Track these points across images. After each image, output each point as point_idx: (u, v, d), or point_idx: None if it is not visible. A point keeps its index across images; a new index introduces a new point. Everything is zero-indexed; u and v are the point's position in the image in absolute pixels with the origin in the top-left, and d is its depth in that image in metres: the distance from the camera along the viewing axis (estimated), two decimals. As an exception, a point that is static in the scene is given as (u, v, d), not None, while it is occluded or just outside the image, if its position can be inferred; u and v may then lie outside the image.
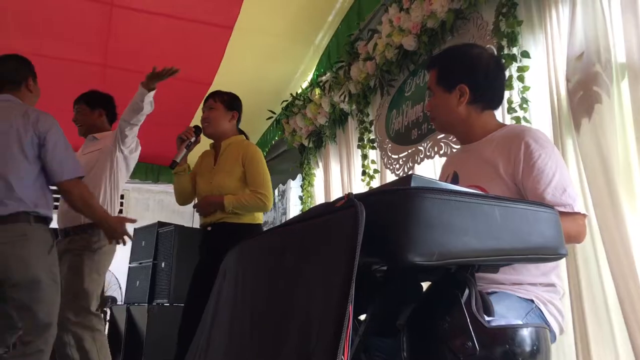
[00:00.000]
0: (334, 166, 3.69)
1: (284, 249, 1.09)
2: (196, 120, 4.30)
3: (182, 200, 2.81)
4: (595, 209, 1.76)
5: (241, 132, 2.85)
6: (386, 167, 3.01)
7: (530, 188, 1.39)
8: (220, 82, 4.10)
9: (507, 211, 1.00)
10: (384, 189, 0.98)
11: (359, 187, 3.24)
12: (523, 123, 2.08)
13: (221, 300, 1.45)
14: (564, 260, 1.64)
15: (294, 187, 5.04)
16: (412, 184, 0.97)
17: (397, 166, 2.91)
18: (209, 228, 2.65)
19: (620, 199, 1.69)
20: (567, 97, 1.91)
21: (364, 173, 3.20)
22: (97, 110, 3.08)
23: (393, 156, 2.95)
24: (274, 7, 3.37)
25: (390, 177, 2.96)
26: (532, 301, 1.34)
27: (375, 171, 3.16)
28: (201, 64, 3.97)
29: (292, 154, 4.42)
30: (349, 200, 0.94)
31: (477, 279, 1.08)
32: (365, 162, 3.20)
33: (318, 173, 4.03)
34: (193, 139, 2.68)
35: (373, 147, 3.18)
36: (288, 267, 1.05)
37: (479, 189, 1.47)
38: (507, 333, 1.01)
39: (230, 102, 2.79)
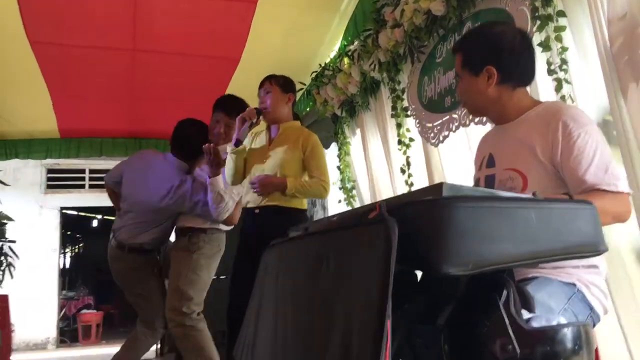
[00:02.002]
0: (370, 135, 3.66)
1: (321, 258, 1.11)
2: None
3: (235, 179, 2.82)
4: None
5: (296, 116, 2.87)
6: (421, 136, 2.97)
7: (571, 169, 1.36)
8: (248, 57, 4.08)
9: (543, 213, 0.98)
10: (416, 200, 0.97)
11: (397, 155, 3.22)
12: (564, 85, 2.00)
13: (264, 295, 1.49)
14: None
15: (331, 155, 5.01)
16: (444, 193, 0.97)
17: (432, 135, 2.87)
18: (257, 211, 2.69)
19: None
20: (611, 60, 1.82)
21: (399, 142, 3.16)
22: None
23: (427, 124, 2.91)
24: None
25: (426, 146, 2.93)
26: (574, 285, 1.33)
27: (411, 139, 3.12)
28: (228, 40, 3.95)
29: (325, 123, 4.40)
30: (380, 214, 0.94)
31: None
32: (401, 131, 3.17)
33: (354, 142, 4.01)
34: (254, 120, 2.70)
35: (407, 116, 3.13)
36: (326, 278, 1.07)
37: (517, 172, 1.45)
38: (548, 333, 1.01)
39: (286, 85, 2.84)
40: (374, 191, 3.58)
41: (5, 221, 2.73)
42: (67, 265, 12.32)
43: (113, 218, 2.91)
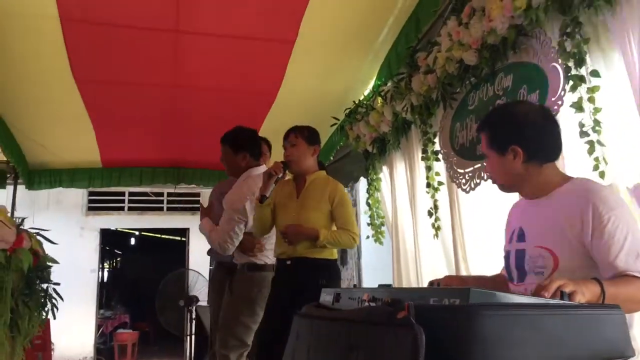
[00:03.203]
0: (398, 174, 3.70)
1: (351, 348, 1.15)
2: (264, 130, 4.44)
3: (263, 230, 2.91)
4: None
5: (322, 166, 2.93)
6: (452, 181, 2.98)
7: (601, 254, 1.37)
8: (285, 93, 4.18)
9: (569, 319, 1.01)
10: (443, 305, 1.01)
11: (424, 198, 3.25)
12: (597, 147, 2.00)
13: (297, 357, 1.54)
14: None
15: (362, 189, 5.07)
16: (471, 300, 1.00)
17: (464, 181, 2.88)
18: (289, 262, 2.74)
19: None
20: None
21: (428, 185, 3.19)
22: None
23: (459, 170, 2.92)
24: (332, 21, 3.38)
25: (456, 191, 2.94)
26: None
27: (440, 183, 3.14)
28: (265, 77, 4.06)
29: (358, 157, 4.45)
30: (408, 319, 0.98)
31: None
32: (430, 174, 3.19)
33: (383, 178, 4.05)
34: (281, 175, 2.77)
35: (437, 159, 3.16)
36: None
37: (548, 251, 1.46)
38: None
39: (311, 137, 2.90)
40: (397, 231, 3.62)
41: (50, 264, 2.86)
42: (105, 280, 12.63)
43: (150, 235, 3.02)
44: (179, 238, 9.16)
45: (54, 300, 2.84)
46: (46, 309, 2.85)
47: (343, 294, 1.63)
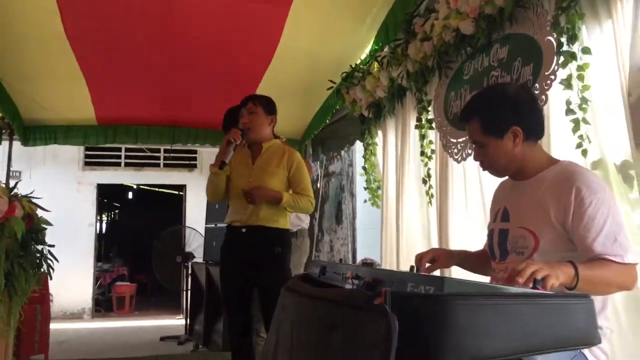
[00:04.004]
0: (391, 141, 3.71)
1: (331, 328, 1.20)
2: (261, 90, 4.42)
3: (216, 197, 2.94)
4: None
5: (275, 135, 2.97)
6: (445, 150, 3.00)
7: (580, 237, 1.41)
8: (281, 55, 4.13)
9: (538, 308, 1.05)
10: (418, 294, 1.04)
11: (415, 166, 3.28)
12: (582, 125, 2.01)
13: (281, 338, 1.59)
14: (613, 297, 1.64)
15: (359, 151, 5.07)
16: (445, 289, 1.04)
17: (456, 150, 2.90)
18: (244, 230, 2.79)
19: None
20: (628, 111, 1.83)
21: (422, 153, 3.21)
22: None
23: (452, 140, 2.93)
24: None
25: (449, 161, 2.96)
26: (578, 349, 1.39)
27: (433, 151, 3.16)
28: (262, 38, 4.00)
29: (354, 120, 4.44)
30: (383, 309, 1.02)
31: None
32: (424, 142, 3.20)
33: (380, 143, 4.06)
34: (239, 142, 2.78)
35: (431, 128, 3.16)
36: (335, 349, 1.16)
37: (530, 232, 1.50)
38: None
39: (269, 107, 2.91)
40: (387, 196, 3.68)
41: (44, 226, 2.90)
42: (103, 233, 12.78)
43: (148, 188, 3.05)
44: (176, 192, 9.21)
45: (49, 261, 2.90)
46: (42, 269, 2.92)
47: (329, 268, 1.68)
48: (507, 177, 1.73)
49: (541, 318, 1.04)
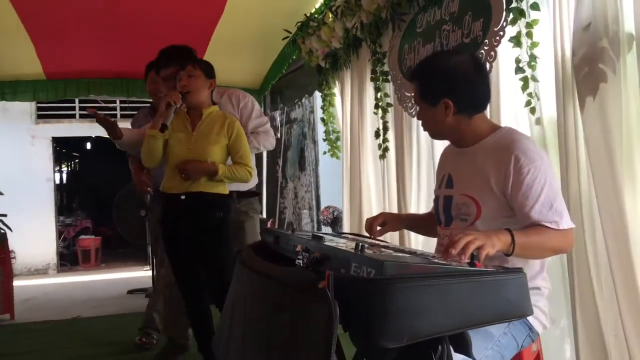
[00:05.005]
0: (349, 92, 3.70)
1: (280, 307, 1.24)
2: (215, 40, 4.31)
3: (153, 162, 2.80)
4: (596, 189, 1.77)
5: (213, 102, 2.89)
6: (400, 104, 3.01)
7: (518, 204, 1.46)
8: (234, 5, 3.99)
9: (475, 286, 1.10)
10: (359, 277, 1.08)
11: (373, 118, 3.29)
12: (531, 83, 2.04)
13: (236, 306, 1.63)
14: (551, 260, 1.71)
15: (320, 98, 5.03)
16: (385, 271, 1.08)
17: (410, 104, 2.91)
18: (183, 197, 2.72)
19: (622, 183, 1.69)
20: (572, 71, 1.86)
21: (377, 106, 3.21)
22: None
23: (406, 93, 2.94)
24: None
25: (404, 115, 2.98)
26: (515, 308, 1.47)
27: (389, 104, 3.16)
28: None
29: (312, 70, 4.38)
30: (325, 292, 1.05)
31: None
32: (378, 95, 3.20)
33: (338, 93, 4.03)
34: (179, 105, 2.69)
35: (386, 80, 3.16)
36: (283, 327, 1.21)
37: (472, 200, 1.55)
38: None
39: (209, 71, 2.81)
40: (347, 147, 3.72)
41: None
42: (63, 187, 12.51)
43: (107, 137, 2.86)
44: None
45: (1, 231, 2.84)
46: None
47: (282, 238, 1.70)
48: (450, 143, 1.76)
49: (476, 295, 1.10)
